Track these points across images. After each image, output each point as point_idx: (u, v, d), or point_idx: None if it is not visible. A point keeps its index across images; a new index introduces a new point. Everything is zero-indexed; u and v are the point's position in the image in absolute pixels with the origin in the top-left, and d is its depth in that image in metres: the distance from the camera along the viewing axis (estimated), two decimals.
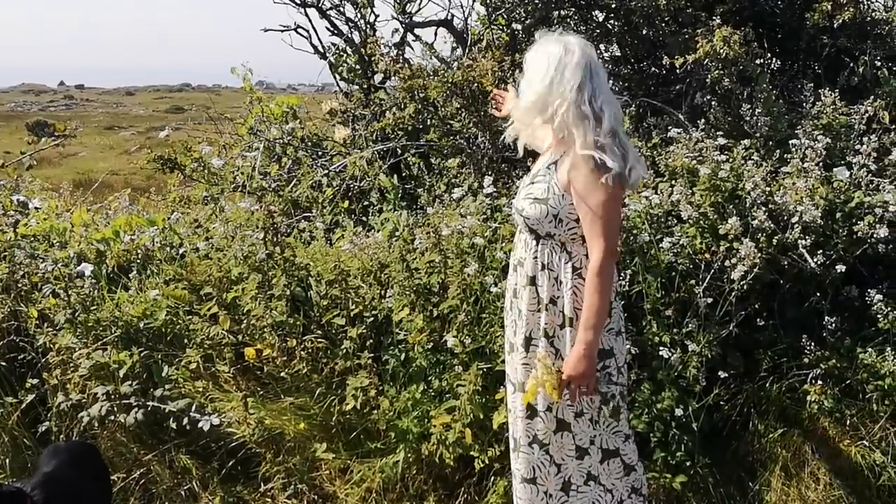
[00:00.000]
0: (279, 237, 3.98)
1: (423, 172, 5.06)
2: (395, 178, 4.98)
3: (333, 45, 5.94)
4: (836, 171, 3.89)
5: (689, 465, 3.50)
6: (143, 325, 4.09)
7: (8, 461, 3.96)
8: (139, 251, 4.61)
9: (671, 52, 4.81)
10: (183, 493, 3.76)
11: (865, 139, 3.99)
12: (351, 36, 5.84)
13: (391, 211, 4.67)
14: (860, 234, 3.65)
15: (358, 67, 5.78)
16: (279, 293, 3.92)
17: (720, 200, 3.83)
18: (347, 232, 4.38)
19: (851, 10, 4.79)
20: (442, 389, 3.68)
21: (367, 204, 5.07)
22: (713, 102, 4.76)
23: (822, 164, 3.91)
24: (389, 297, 3.89)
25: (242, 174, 5.04)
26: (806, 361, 3.67)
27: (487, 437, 3.56)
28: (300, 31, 5.95)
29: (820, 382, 3.60)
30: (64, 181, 6.95)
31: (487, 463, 3.52)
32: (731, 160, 3.97)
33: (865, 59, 4.89)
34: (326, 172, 5.19)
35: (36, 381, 4.04)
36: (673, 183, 3.97)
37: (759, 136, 4.40)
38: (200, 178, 5.36)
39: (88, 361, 3.90)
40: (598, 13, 5.53)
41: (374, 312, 3.90)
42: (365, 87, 5.72)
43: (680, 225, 3.81)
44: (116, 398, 3.81)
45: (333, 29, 5.89)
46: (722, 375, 3.61)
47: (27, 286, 4.33)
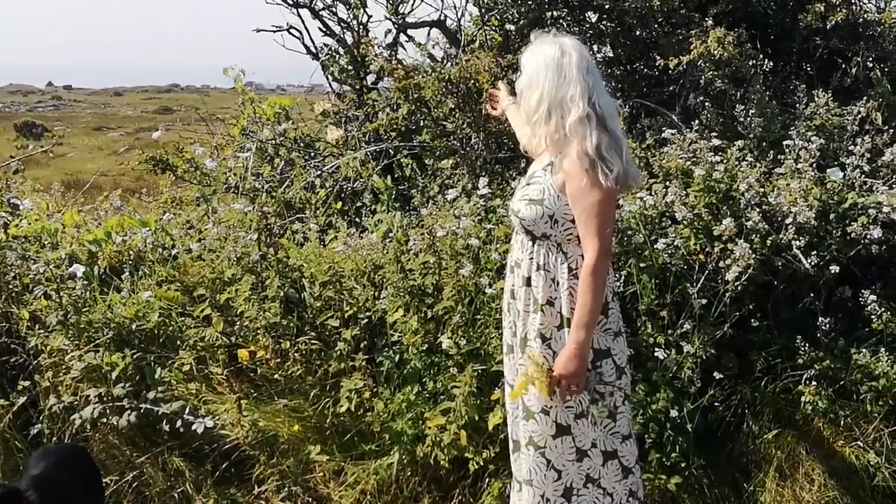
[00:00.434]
0: (273, 238, 3.96)
1: (416, 173, 5.04)
2: (388, 179, 4.97)
3: (326, 45, 5.93)
4: (829, 172, 3.90)
5: (683, 466, 3.50)
6: (135, 326, 4.05)
7: None
8: (131, 252, 4.58)
9: (665, 53, 4.81)
10: (176, 495, 3.73)
11: (859, 140, 4.00)
12: (343, 37, 5.82)
13: (385, 212, 4.65)
14: (854, 234, 3.67)
15: (350, 68, 5.76)
16: (273, 295, 3.90)
17: (714, 201, 3.84)
18: (341, 233, 4.37)
19: (844, 11, 4.79)
20: (436, 391, 3.67)
21: (360, 205, 5.06)
22: (706, 103, 4.77)
23: (815, 164, 3.92)
24: (383, 298, 3.87)
25: (235, 175, 5.02)
26: (800, 362, 3.68)
27: (482, 438, 3.55)
28: (292, 31, 5.93)
29: (814, 383, 3.61)
30: (55, 182, 6.88)
31: (482, 464, 3.51)
32: (724, 161, 3.98)
33: (858, 60, 4.90)
34: (319, 174, 5.18)
35: (27, 383, 4.01)
36: (667, 184, 3.98)
37: (752, 137, 4.41)
38: (192, 179, 5.34)
39: (80, 363, 3.87)
40: (591, 14, 5.52)
41: (368, 314, 3.89)
42: (357, 87, 5.70)
43: (674, 226, 3.81)
44: (109, 400, 3.78)
45: (326, 29, 5.87)
46: (717, 376, 3.61)
47: (18, 288, 4.30)
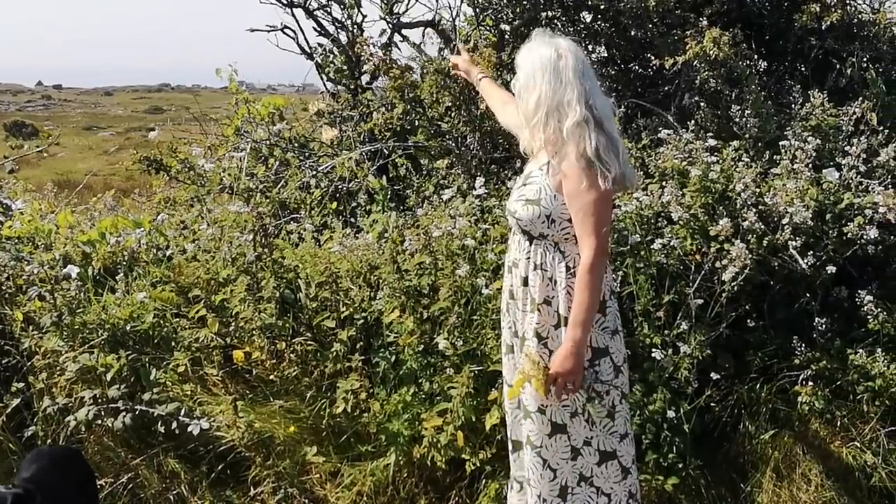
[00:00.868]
0: (268, 239, 3.94)
1: (411, 173, 5.03)
2: (383, 179, 4.96)
3: (320, 45, 5.90)
4: (825, 172, 3.90)
5: (680, 466, 3.50)
6: (130, 327, 4.04)
7: None
8: (125, 253, 4.56)
9: (660, 53, 4.81)
10: (171, 497, 3.72)
11: (855, 141, 4.00)
12: (338, 36, 5.80)
13: (380, 212, 4.65)
14: (850, 235, 3.67)
15: (345, 68, 5.74)
16: (268, 295, 3.89)
17: (710, 202, 3.84)
18: (336, 233, 4.36)
19: (839, 11, 4.80)
20: (433, 392, 3.66)
21: (355, 205, 5.05)
22: (701, 104, 4.77)
23: (811, 165, 3.92)
24: (379, 299, 3.86)
25: (230, 175, 5.00)
26: (796, 362, 3.69)
27: (479, 439, 3.55)
28: (287, 31, 5.91)
29: (810, 383, 3.61)
30: (48, 182, 6.87)
31: (479, 465, 3.51)
32: (721, 161, 3.98)
33: (853, 60, 4.90)
34: (314, 174, 5.16)
35: (21, 384, 3.98)
36: (663, 184, 3.97)
37: (748, 137, 4.40)
38: (186, 179, 5.32)
39: (75, 365, 3.85)
40: (585, 14, 5.51)
41: (364, 315, 3.88)
42: (352, 87, 5.68)
43: (670, 226, 3.81)
44: (103, 402, 3.76)
45: (320, 29, 5.84)
46: (714, 377, 3.61)
47: (12, 289, 4.27)
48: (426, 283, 3.80)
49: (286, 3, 5.77)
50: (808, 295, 3.85)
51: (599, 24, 5.52)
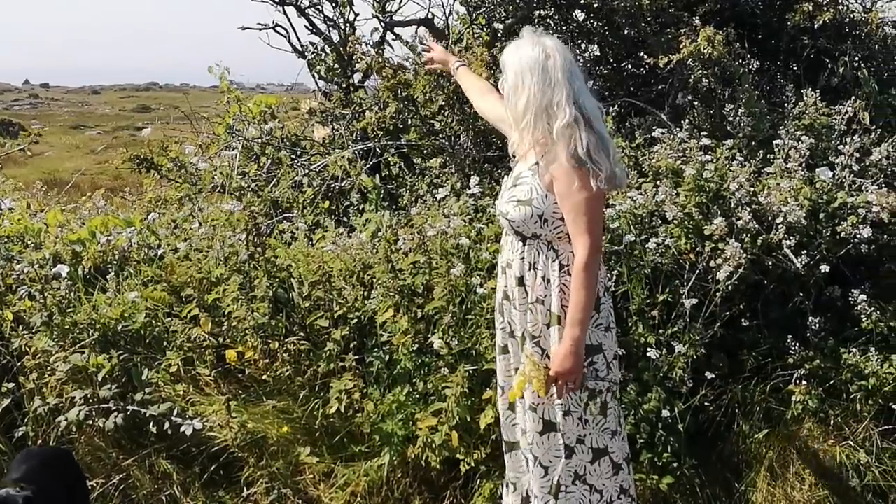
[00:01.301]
0: (261, 238, 3.92)
1: (403, 172, 5.02)
2: (376, 177, 4.94)
3: (312, 44, 5.88)
4: (818, 171, 3.90)
5: (675, 466, 3.50)
6: (121, 327, 4.01)
7: None
8: (116, 252, 4.52)
9: (654, 52, 4.80)
10: (164, 498, 3.69)
11: (848, 140, 4.01)
12: (329, 35, 5.77)
13: (373, 211, 4.63)
14: (843, 234, 3.67)
15: (337, 66, 5.72)
16: (261, 295, 3.86)
17: (705, 201, 3.83)
18: (329, 232, 4.34)
19: (831, 11, 4.81)
20: (427, 392, 3.65)
21: (347, 204, 5.03)
22: (695, 103, 4.77)
23: (804, 164, 3.93)
24: (373, 298, 3.85)
25: (221, 174, 4.97)
26: (790, 362, 3.69)
27: (473, 439, 3.54)
28: (278, 29, 5.88)
29: (804, 383, 3.61)
30: (36, 181, 6.82)
31: (473, 465, 3.50)
32: (714, 160, 3.98)
33: (845, 59, 4.91)
34: (307, 172, 5.14)
35: (12, 385, 3.95)
36: (657, 183, 3.97)
37: (741, 136, 4.41)
38: (178, 177, 5.29)
39: (65, 365, 3.82)
40: (578, 13, 5.51)
41: (357, 314, 3.86)
42: (344, 86, 5.66)
43: (665, 225, 3.81)
44: (95, 402, 3.74)
45: (312, 27, 5.82)
46: (708, 376, 3.61)
47: (1, 288, 4.24)
48: (420, 282, 3.79)
49: (278, 1, 5.75)
50: (801, 294, 3.85)
51: (592, 22, 5.52)
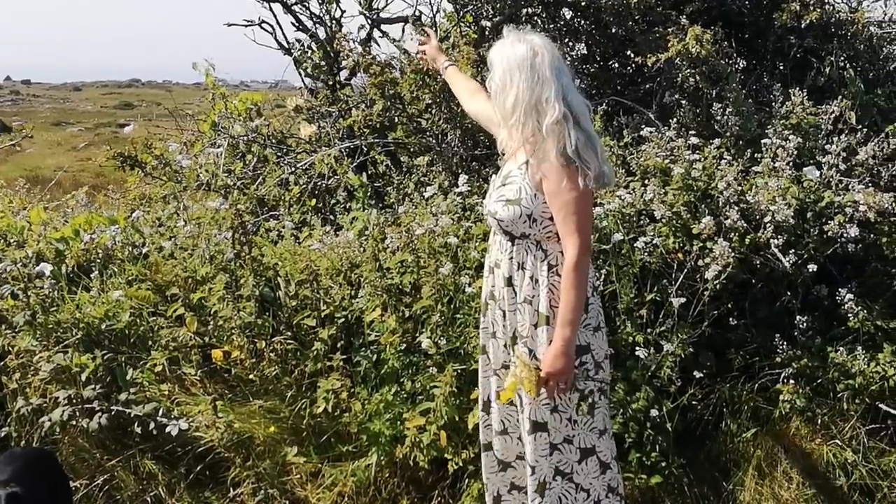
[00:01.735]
0: (247, 236, 3.89)
1: (390, 171, 5.00)
2: (363, 176, 4.91)
3: (298, 41, 5.84)
4: (805, 170, 3.92)
5: (663, 465, 3.49)
6: (105, 326, 3.96)
7: None
8: (100, 251, 4.48)
9: (641, 50, 4.80)
10: (149, 499, 3.65)
11: (835, 139, 4.02)
12: (316, 32, 5.74)
13: (360, 209, 4.60)
14: (830, 233, 3.68)
15: (323, 64, 5.69)
16: (247, 294, 3.83)
17: (693, 200, 3.84)
18: (316, 231, 4.31)
19: (818, 10, 4.82)
20: (415, 391, 3.63)
21: (334, 202, 5.00)
22: (682, 102, 4.77)
23: (792, 163, 3.93)
24: (361, 297, 3.83)
25: (207, 172, 4.93)
26: (777, 361, 3.70)
27: (461, 438, 3.52)
28: (264, 26, 5.84)
29: (792, 382, 3.62)
30: (18, 178, 6.75)
31: (461, 465, 3.48)
32: (703, 159, 3.98)
33: (832, 59, 4.93)
34: (293, 170, 5.11)
35: None
36: (645, 182, 3.97)
37: (728, 135, 4.41)
38: (162, 175, 5.24)
39: (49, 365, 3.77)
40: (566, 11, 5.50)
41: (344, 313, 3.84)
42: (330, 83, 5.63)
43: (653, 224, 3.81)
44: (79, 402, 3.69)
45: (298, 24, 5.79)
46: (697, 375, 3.61)
47: None
48: (408, 281, 3.77)
49: None
50: (789, 293, 3.86)
51: (579, 21, 5.52)
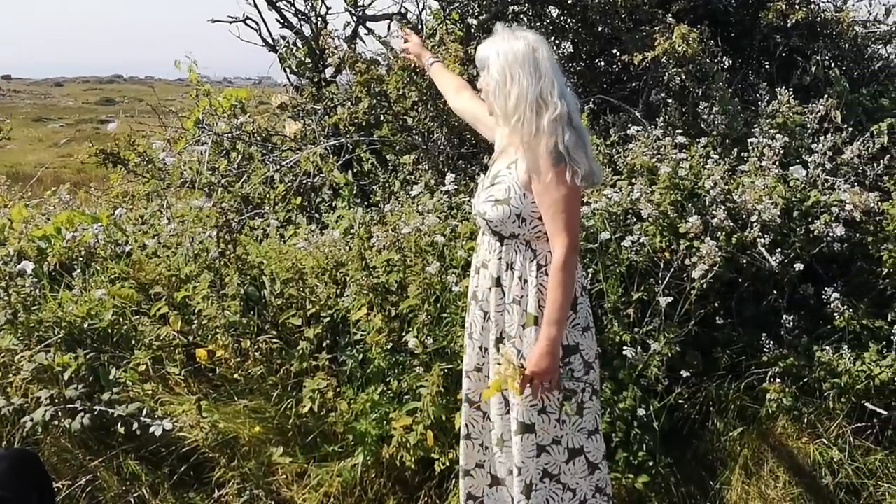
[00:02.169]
0: (232, 235, 3.86)
1: (376, 169, 4.97)
2: (349, 174, 4.88)
3: (283, 37, 5.79)
4: (792, 169, 3.92)
5: (650, 464, 3.49)
6: (87, 325, 3.93)
7: None
8: (82, 249, 4.43)
9: (628, 49, 4.80)
10: (132, 500, 3.61)
11: (821, 138, 4.03)
12: (301, 28, 5.70)
13: (345, 208, 4.58)
14: (816, 232, 3.69)
15: (308, 61, 5.64)
16: (232, 293, 3.80)
17: (680, 199, 3.83)
18: (301, 229, 4.28)
19: (804, 9, 4.83)
20: (401, 391, 3.61)
21: (319, 200, 4.97)
22: (669, 100, 4.77)
23: (778, 162, 3.94)
24: (346, 296, 3.80)
25: (191, 169, 4.89)
26: (764, 360, 3.70)
27: (448, 438, 3.50)
28: (249, 22, 5.79)
29: (778, 381, 3.63)
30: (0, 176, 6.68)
31: (448, 465, 3.46)
32: (689, 158, 3.98)
33: (817, 58, 4.94)
34: (278, 168, 5.07)
35: None
36: (632, 181, 3.96)
37: (715, 134, 4.41)
38: (145, 173, 5.19)
39: (31, 364, 3.72)
40: (552, 9, 5.49)
41: (330, 312, 3.82)
42: (316, 80, 5.59)
43: (640, 223, 3.80)
44: (61, 402, 3.65)
45: (283, 21, 5.74)
46: (684, 374, 3.61)
47: None
48: (394, 280, 3.75)
49: None
50: (775, 292, 3.87)
51: (566, 19, 5.51)
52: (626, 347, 3.52)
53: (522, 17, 5.50)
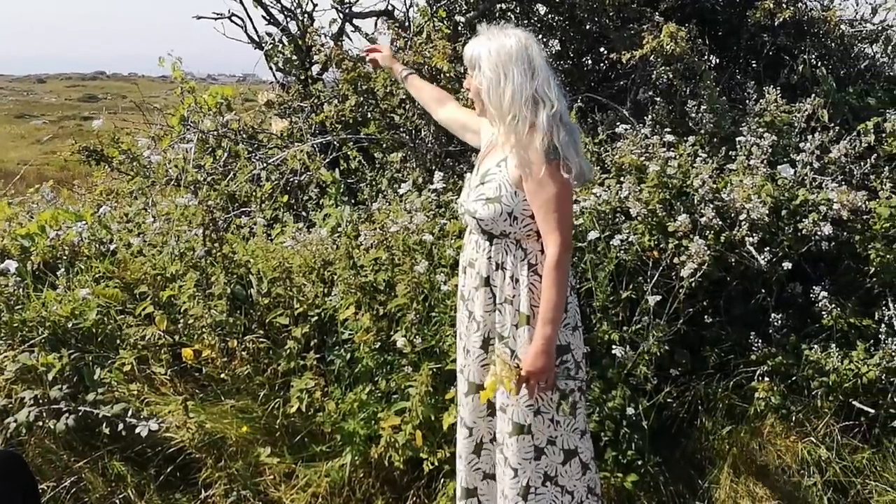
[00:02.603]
0: (218, 233, 3.83)
1: (363, 167, 4.94)
2: (336, 172, 4.86)
3: (269, 34, 5.76)
4: (780, 168, 3.92)
5: (639, 463, 3.48)
6: (72, 325, 3.89)
7: None
8: (66, 247, 4.39)
9: (616, 47, 4.79)
10: (118, 501, 3.58)
11: (810, 137, 4.03)
12: (287, 26, 5.67)
13: (332, 206, 4.55)
14: (805, 231, 3.69)
15: (295, 58, 5.61)
16: (219, 292, 3.77)
17: (668, 197, 3.83)
18: (288, 228, 4.25)
19: (791, 8, 4.84)
20: (390, 390, 3.59)
21: (306, 199, 4.94)
22: (656, 99, 4.77)
23: (766, 161, 3.94)
24: (334, 295, 3.78)
25: (176, 167, 4.85)
26: (752, 358, 3.70)
27: (437, 438, 3.48)
28: (234, 19, 5.75)
29: (766, 379, 3.63)
30: None
31: (437, 465, 3.44)
32: (678, 157, 3.98)
33: (805, 57, 4.95)
34: (265, 166, 5.04)
35: None
36: (621, 179, 3.96)
37: (703, 132, 4.41)
38: (129, 170, 5.15)
39: (14, 364, 3.68)
40: (540, 7, 5.49)
41: (318, 311, 3.79)
42: (302, 78, 5.56)
43: (628, 222, 3.79)
44: (45, 403, 3.61)
45: (269, 18, 5.71)
46: (673, 373, 3.61)
47: None
48: (382, 279, 3.73)
49: None
50: (763, 291, 3.87)
51: (553, 16, 5.50)
52: (614, 346, 3.52)
53: (510, 14, 5.50)
